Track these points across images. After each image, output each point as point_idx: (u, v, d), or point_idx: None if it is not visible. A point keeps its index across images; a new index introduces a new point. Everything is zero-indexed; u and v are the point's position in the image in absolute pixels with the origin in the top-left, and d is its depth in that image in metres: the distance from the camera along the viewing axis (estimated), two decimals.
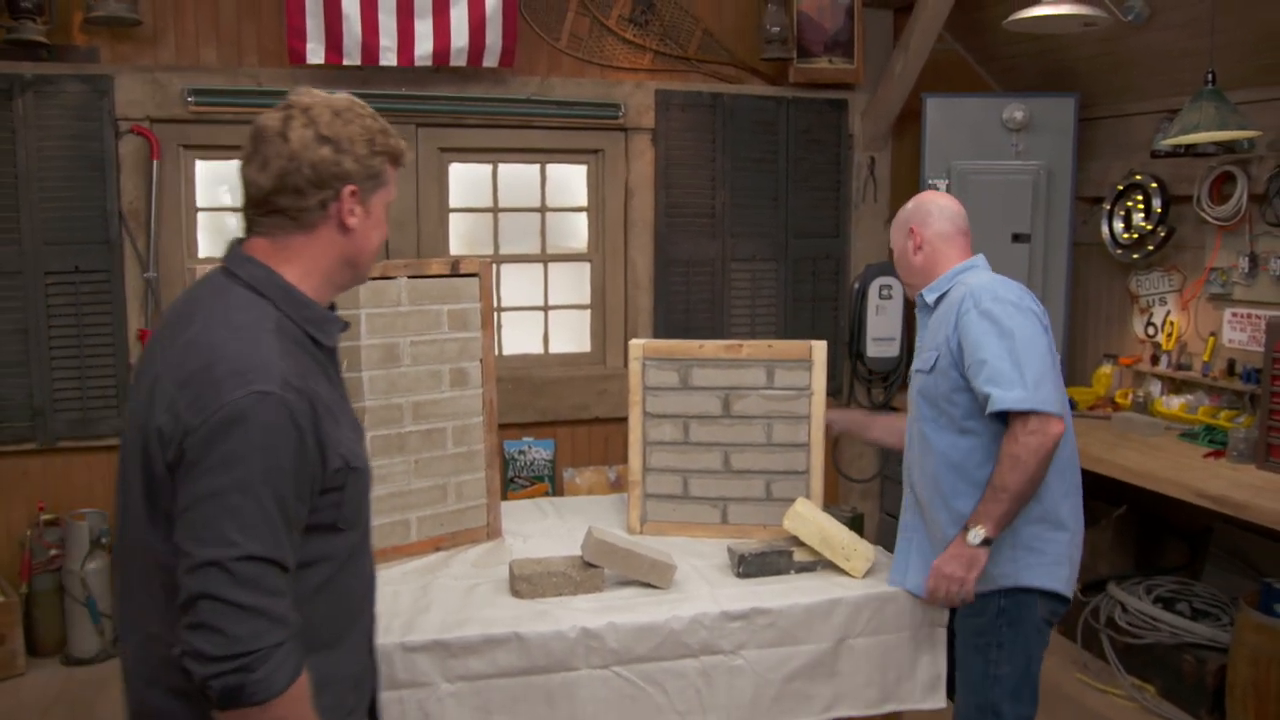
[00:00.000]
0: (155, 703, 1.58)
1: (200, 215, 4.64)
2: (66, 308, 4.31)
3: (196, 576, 1.41)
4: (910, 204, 2.77)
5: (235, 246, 1.65)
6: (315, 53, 4.37)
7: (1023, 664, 2.50)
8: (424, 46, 4.47)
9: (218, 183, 4.68)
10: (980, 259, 2.69)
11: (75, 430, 4.36)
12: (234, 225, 4.70)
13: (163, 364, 1.53)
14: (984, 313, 2.43)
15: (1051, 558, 2.49)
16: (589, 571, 2.57)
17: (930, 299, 2.65)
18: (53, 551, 4.24)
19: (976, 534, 2.39)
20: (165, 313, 1.70)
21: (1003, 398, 2.34)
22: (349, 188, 1.59)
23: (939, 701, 2.68)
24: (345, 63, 4.41)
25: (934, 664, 2.66)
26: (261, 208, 1.59)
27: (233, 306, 1.55)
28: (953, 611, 2.64)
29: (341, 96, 1.64)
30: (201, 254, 4.64)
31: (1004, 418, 2.39)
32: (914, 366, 2.68)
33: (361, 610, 1.76)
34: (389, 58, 4.44)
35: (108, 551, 4.33)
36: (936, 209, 2.71)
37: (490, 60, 4.58)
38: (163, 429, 1.47)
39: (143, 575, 1.58)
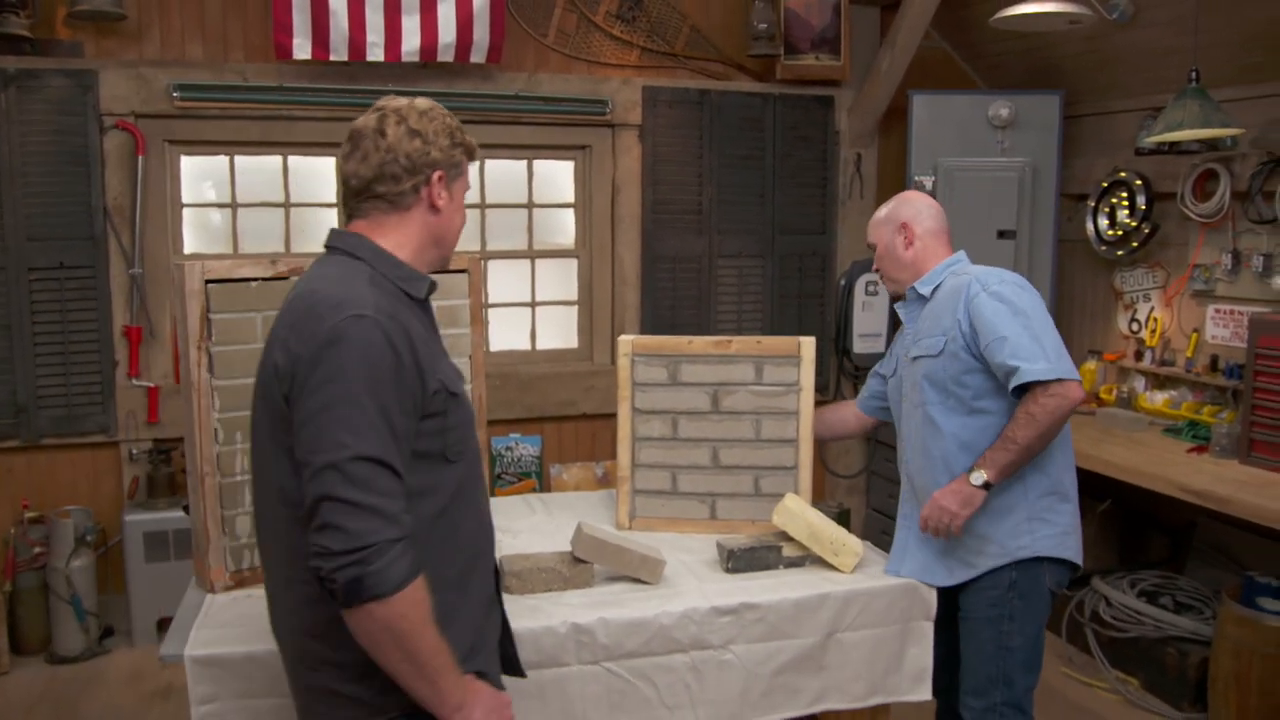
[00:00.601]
0: (305, 648, 1.75)
1: (186, 211, 4.62)
2: (51, 304, 4.28)
3: (315, 481, 1.57)
4: (895, 202, 2.79)
5: (332, 230, 1.85)
6: (302, 48, 4.35)
7: (1033, 634, 2.57)
8: (411, 42, 4.45)
9: (203, 178, 4.66)
10: (963, 255, 2.76)
11: (60, 427, 4.34)
12: (219, 221, 4.68)
13: (277, 321, 1.74)
14: (994, 294, 2.50)
15: (1061, 528, 2.57)
16: (579, 567, 2.57)
17: (925, 291, 2.70)
18: (37, 549, 4.21)
19: (979, 475, 2.47)
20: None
21: (1029, 369, 2.40)
22: (437, 173, 1.81)
23: (925, 694, 2.69)
24: (332, 58, 4.40)
25: (920, 656, 2.67)
26: (362, 195, 1.80)
27: (330, 265, 1.78)
28: (952, 597, 2.65)
29: (423, 100, 1.87)
30: (187, 250, 4.62)
31: (1020, 391, 2.46)
32: (912, 354, 2.70)
33: (481, 553, 1.89)
34: (376, 53, 4.43)
35: (93, 549, 4.32)
36: (926, 206, 2.76)
37: (478, 56, 4.57)
38: (278, 364, 1.66)
39: (277, 523, 1.74)
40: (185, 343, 2.47)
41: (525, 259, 5.13)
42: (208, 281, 2.47)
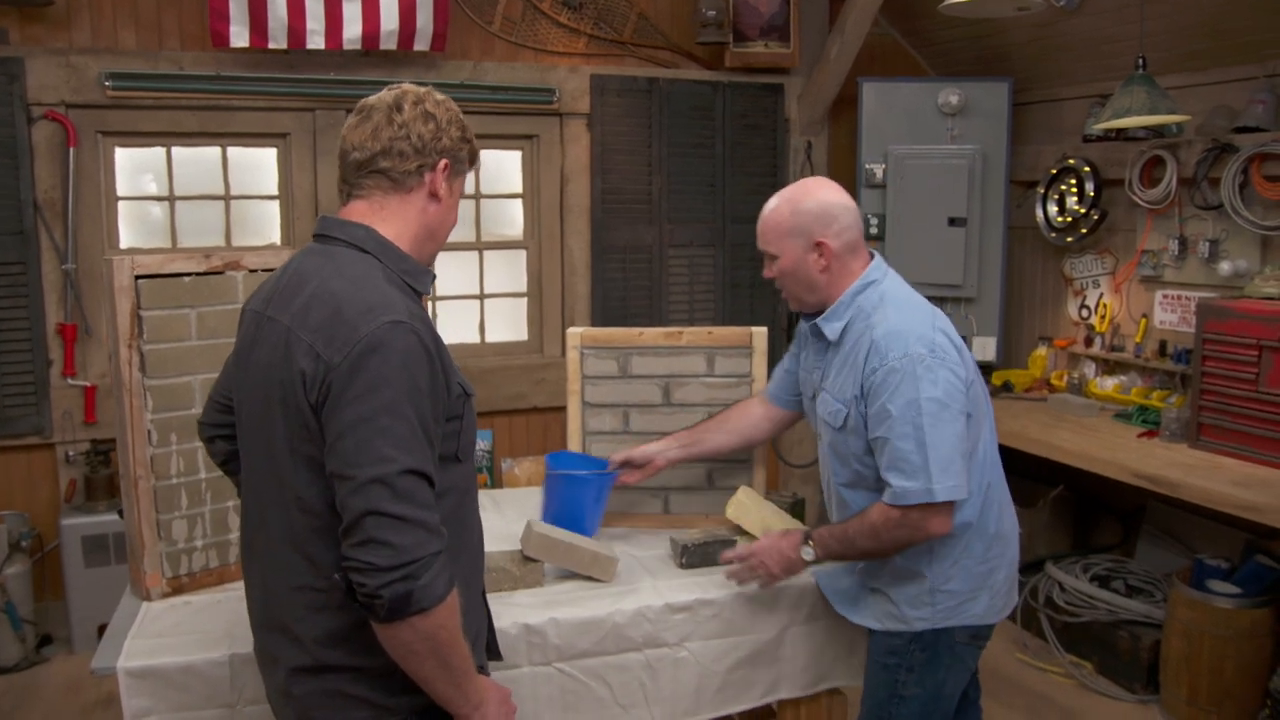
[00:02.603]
0: (312, 654, 1.70)
1: (121, 204, 4.47)
2: None
3: (360, 495, 1.52)
4: (803, 202, 2.32)
5: (325, 218, 1.80)
6: (239, 35, 4.23)
7: (934, 688, 2.35)
8: (352, 30, 4.35)
9: (139, 171, 4.52)
10: (878, 266, 2.36)
11: None
12: (158, 214, 4.54)
13: (291, 320, 1.65)
14: (889, 372, 2.16)
15: (964, 595, 2.31)
16: (529, 566, 2.51)
17: (831, 333, 2.34)
18: None
19: (809, 551, 2.33)
20: (262, 288, 1.81)
21: (903, 490, 2.14)
22: (444, 161, 1.78)
23: None
24: (271, 46, 4.28)
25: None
26: (364, 168, 1.74)
27: (343, 263, 1.70)
28: None
29: (440, 92, 1.85)
30: (123, 244, 4.48)
31: None
32: (819, 412, 2.41)
33: (480, 549, 1.91)
34: (316, 41, 4.31)
35: (28, 554, 4.18)
36: (841, 210, 2.31)
37: (421, 44, 4.48)
38: (305, 371, 1.59)
39: (291, 532, 1.68)
40: (115, 341, 2.37)
41: (473, 250, 5.04)
42: (138, 277, 2.37)
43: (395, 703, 1.70)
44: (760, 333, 2.93)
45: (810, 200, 2.32)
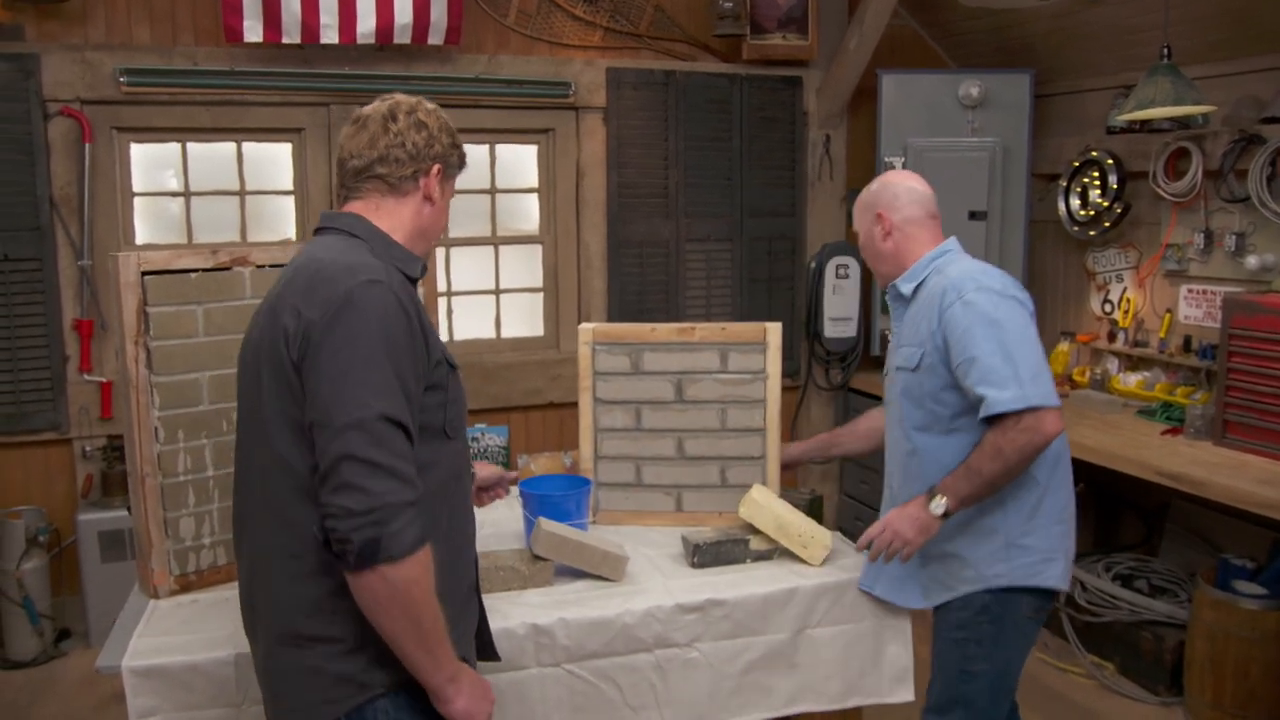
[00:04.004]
0: (293, 625, 1.71)
1: (137, 200, 4.47)
2: None
3: (337, 440, 1.56)
4: (875, 185, 2.57)
5: (324, 214, 1.88)
6: (253, 30, 4.21)
7: (1002, 662, 2.40)
8: (366, 24, 4.33)
9: (154, 166, 4.52)
10: (953, 243, 2.54)
11: (8, 425, 4.20)
12: (174, 210, 4.54)
13: (279, 290, 1.74)
14: (968, 304, 2.29)
15: (1041, 554, 2.37)
16: (538, 565, 2.49)
17: (906, 290, 2.49)
18: None
19: (939, 504, 2.28)
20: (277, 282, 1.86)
21: (997, 399, 2.20)
22: (436, 166, 1.86)
23: (907, 695, 2.59)
24: (285, 41, 4.26)
25: (901, 655, 2.58)
26: (362, 174, 1.84)
27: (331, 242, 1.79)
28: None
29: (429, 101, 1.92)
30: (139, 240, 4.48)
31: (991, 420, 2.25)
32: (893, 363, 2.53)
33: (466, 538, 1.92)
34: (330, 35, 4.30)
35: (45, 550, 4.19)
36: (904, 191, 2.52)
37: (435, 38, 4.45)
38: (288, 329, 1.65)
39: (274, 496, 1.71)
40: (122, 338, 2.36)
41: (488, 246, 5.02)
42: (145, 273, 2.36)
43: (371, 678, 1.70)
44: (775, 328, 2.88)
45: (878, 183, 2.58)
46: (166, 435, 2.40)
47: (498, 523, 2.91)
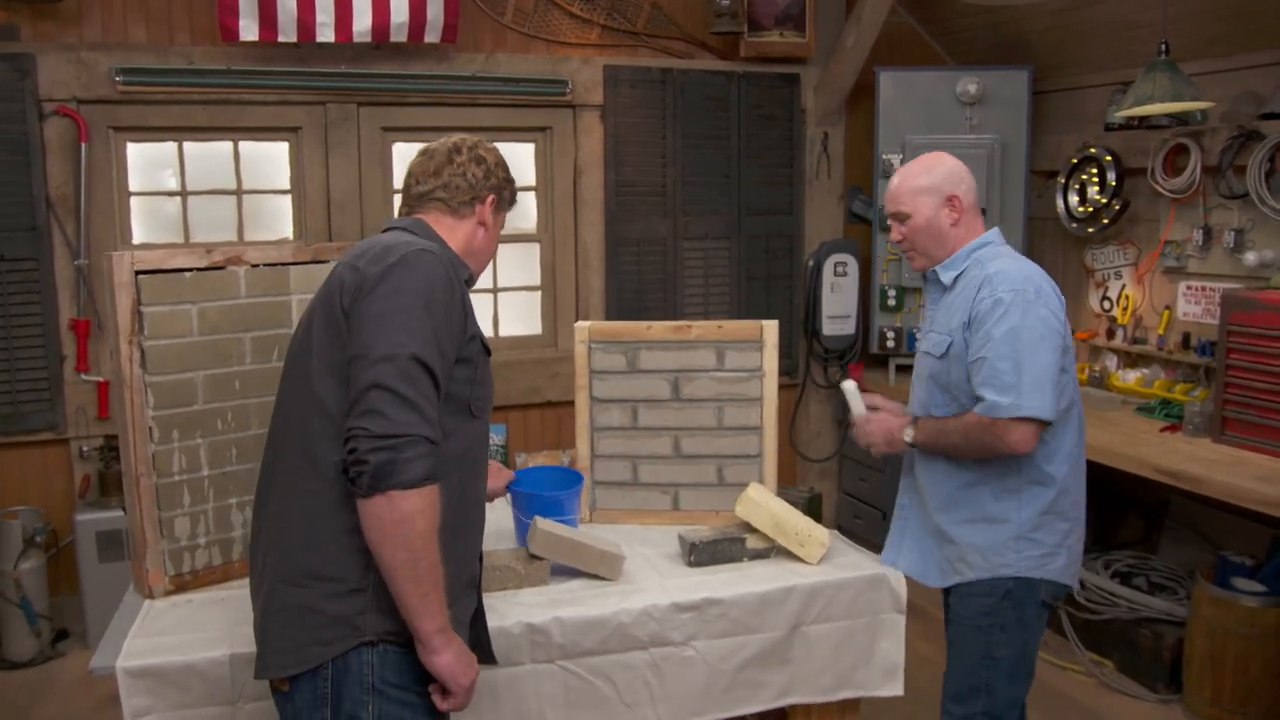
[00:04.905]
0: (297, 562, 1.80)
1: (134, 200, 4.47)
2: None
3: (369, 370, 1.70)
4: (938, 167, 2.52)
5: (387, 220, 2.11)
6: (249, 29, 4.21)
7: (1022, 645, 2.45)
8: (363, 22, 4.32)
9: (151, 165, 4.51)
10: (995, 234, 2.54)
11: (5, 425, 4.20)
12: (171, 210, 4.54)
13: (342, 260, 1.90)
14: (997, 302, 2.33)
15: (1048, 548, 2.42)
16: (535, 564, 2.48)
17: (947, 279, 2.51)
18: None
19: (909, 434, 2.50)
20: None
21: (995, 404, 2.29)
22: (491, 197, 2.07)
23: (897, 689, 2.60)
24: (280, 40, 4.26)
25: (892, 651, 2.58)
26: (425, 197, 2.04)
27: (395, 234, 1.96)
28: (945, 594, 2.57)
29: (488, 142, 2.15)
30: (136, 239, 4.48)
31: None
32: (923, 346, 2.57)
33: (473, 525, 1.99)
34: (326, 34, 4.29)
35: (43, 550, 4.19)
36: (968, 176, 2.52)
37: (432, 36, 4.44)
38: (344, 280, 1.82)
39: (304, 439, 1.81)
40: (116, 337, 2.35)
41: None
42: (138, 272, 2.35)
43: (365, 622, 1.76)
44: (771, 326, 2.87)
45: (942, 164, 2.53)
46: (161, 435, 2.39)
47: (494, 522, 2.90)
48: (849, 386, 2.71)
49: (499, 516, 2.91)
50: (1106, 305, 4.82)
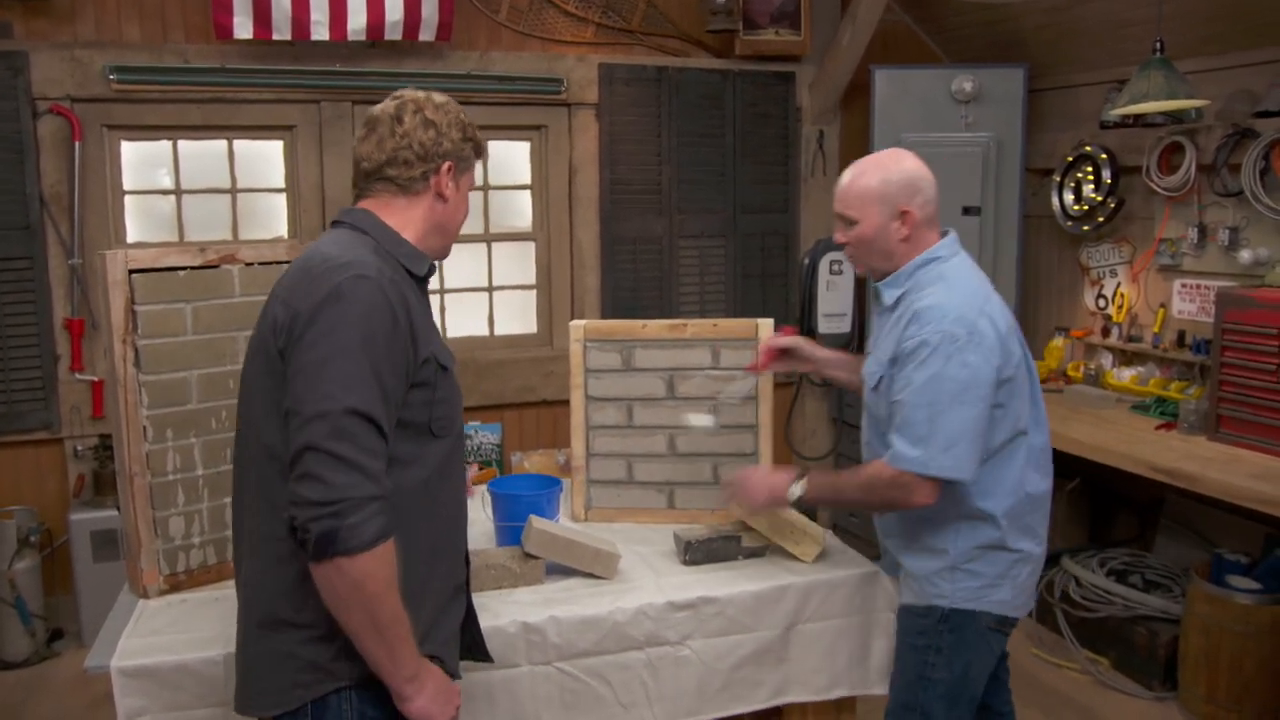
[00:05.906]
0: (271, 608, 1.73)
1: (128, 198, 4.45)
2: None
3: (303, 430, 1.58)
4: (892, 172, 2.30)
5: (340, 209, 1.90)
6: (243, 27, 4.20)
7: (961, 670, 2.34)
8: (357, 20, 4.31)
9: (145, 164, 4.50)
10: (948, 243, 2.34)
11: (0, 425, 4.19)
12: (165, 208, 4.53)
13: (278, 283, 1.77)
14: (921, 344, 2.17)
15: (987, 580, 2.30)
16: (530, 563, 2.48)
17: (888, 299, 2.34)
18: None
19: (797, 490, 2.39)
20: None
21: (902, 454, 2.17)
22: (447, 164, 1.86)
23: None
24: (275, 38, 4.25)
25: (887, 649, 2.58)
26: (372, 176, 1.86)
27: (337, 236, 1.81)
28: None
29: (439, 94, 1.92)
30: (131, 238, 4.47)
31: None
32: (866, 367, 2.43)
33: (454, 536, 1.91)
34: (320, 32, 4.28)
35: (37, 550, 4.18)
36: (926, 185, 2.31)
37: (427, 34, 4.43)
38: (277, 318, 1.69)
39: (261, 480, 1.73)
40: (109, 336, 2.34)
41: (481, 243, 5.00)
42: (132, 271, 2.34)
43: (337, 668, 1.71)
44: (766, 324, 2.87)
45: (899, 169, 2.31)
46: (155, 434, 2.38)
47: (489, 521, 2.90)
48: (698, 420, 2.71)
49: (476, 517, 2.90)
50: (1102, 303, 4.83)
